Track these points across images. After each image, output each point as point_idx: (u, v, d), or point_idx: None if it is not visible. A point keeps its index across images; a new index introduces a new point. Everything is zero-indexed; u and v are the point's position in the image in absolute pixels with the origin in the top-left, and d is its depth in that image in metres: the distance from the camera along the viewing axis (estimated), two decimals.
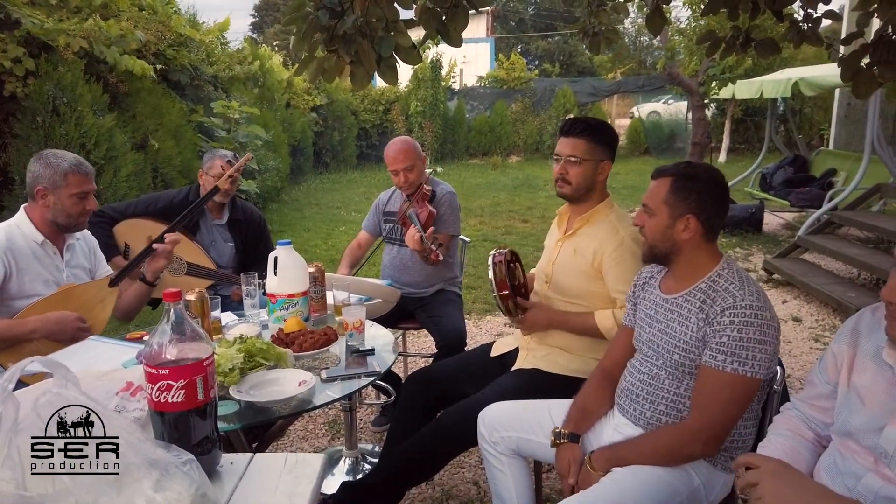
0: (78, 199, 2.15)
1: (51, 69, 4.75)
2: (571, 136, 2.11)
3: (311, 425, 3.14)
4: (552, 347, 2.19)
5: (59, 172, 2.10)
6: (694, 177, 1.63)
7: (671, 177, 1.64)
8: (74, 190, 2.13)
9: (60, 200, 2.12)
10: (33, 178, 2.12)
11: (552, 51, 35.46)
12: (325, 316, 2.30)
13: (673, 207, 1.62)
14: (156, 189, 5.65)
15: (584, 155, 2.09)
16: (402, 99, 14.89)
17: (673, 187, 1.62)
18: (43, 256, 2.16)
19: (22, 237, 2.12)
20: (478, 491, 2.55)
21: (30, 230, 2.14)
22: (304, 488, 1.20)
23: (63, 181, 2.11)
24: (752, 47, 2.37)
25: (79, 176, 2.13)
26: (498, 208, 9.17)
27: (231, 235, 3.11)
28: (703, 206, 1.60)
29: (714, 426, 1.52)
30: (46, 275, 2.17)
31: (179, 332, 1.17)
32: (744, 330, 1.49)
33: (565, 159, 2.11)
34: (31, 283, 2.11)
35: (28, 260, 2.11)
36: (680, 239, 1.62)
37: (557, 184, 2.16)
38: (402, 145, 2.93)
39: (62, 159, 2.12)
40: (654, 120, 16.72)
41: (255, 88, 9.06)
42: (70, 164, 2.12)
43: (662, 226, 1.63)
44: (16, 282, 2.07)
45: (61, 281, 2.21)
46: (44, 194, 2.12)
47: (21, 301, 2.09)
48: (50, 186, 2.11)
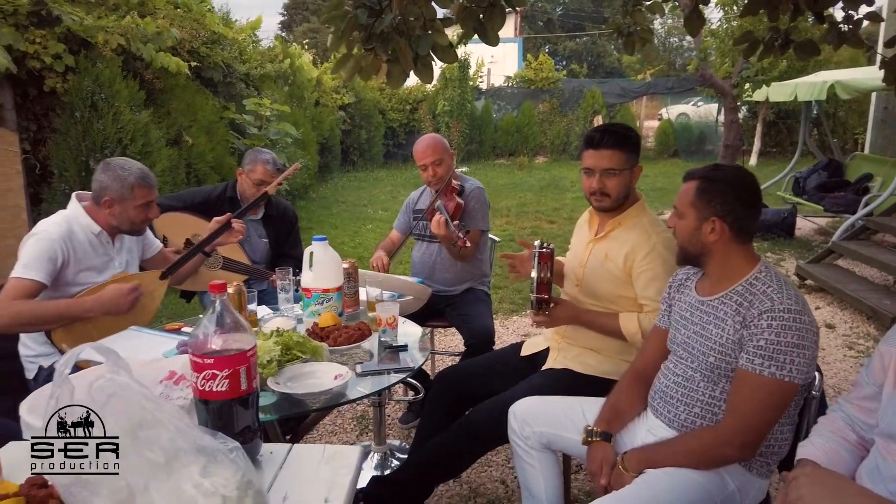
0: (142, 209, 2.26)
1: (89, 65, 4.85)
2: (605, 148, 2.05)
3: (339, 420, 3.17)
4: (583, 348, 2.19)
5: (126, 185, 2.20)
6: (719, 179, 1.62)
7: (698, 179, 1.63)
8: (140, 202, 2.24)
9: (126, 211, 2.23)
10: (101, 188, 2.22)
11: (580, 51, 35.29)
12: (357, 312, 2.32)
13: (699, 210, 1.61)
14: (189, 184, 5.74)
15: (621, 165, 2.06)
16: (430, 98, 14.93)
17: (698, 190, 1.62)
18: (97, 245, 2.26)
19: (79, 227, 2.22)
20: (505, 490, 2.56)
21: (87, 222, 2.24)
22: (343, 479, 1.22)
23: (129, 194, 2.21)
24: (791, 49, 2.34)
25: (144, 188, 2.24)
26: (524, 209, 9.15)
27: (265, 231, 3.16)
28: (728, 209, 1.59)
29: (749, 430, 1.51)
30: (99, 264, 2.26)
31: (224, 323, 1.19)
32: (782, 333, 1.47)
33: (601, 173, 2.07)
34: (86, 272, 2.21)
35: (84, 250, 2.21)
36: (708, 241, 1.62)
37: (595, 198, 2.11)
38: (431, 140, 2.96)
39: (129, 172, 2.22)
40: (683, 122, 16.53)
41: (285, 86, 9.15)
42: (136, 178, 2.22)
43: (690, 228, 1.63)
44: (72, 269, 2.16)
45: (113, 268, 2.30)
46: (110, 204, 2.22)
47: (74, 288, 2.18)
48: (117, 198, 2.21)
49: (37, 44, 4.56)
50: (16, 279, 2.04)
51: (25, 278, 2.03)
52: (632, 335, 2.02)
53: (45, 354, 2.20)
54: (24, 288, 2.03)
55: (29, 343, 2.22)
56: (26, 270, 2.04)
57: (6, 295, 2.01)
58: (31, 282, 2.04)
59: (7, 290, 2.02)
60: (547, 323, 2.11)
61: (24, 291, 2.02)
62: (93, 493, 0.96)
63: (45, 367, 2.19)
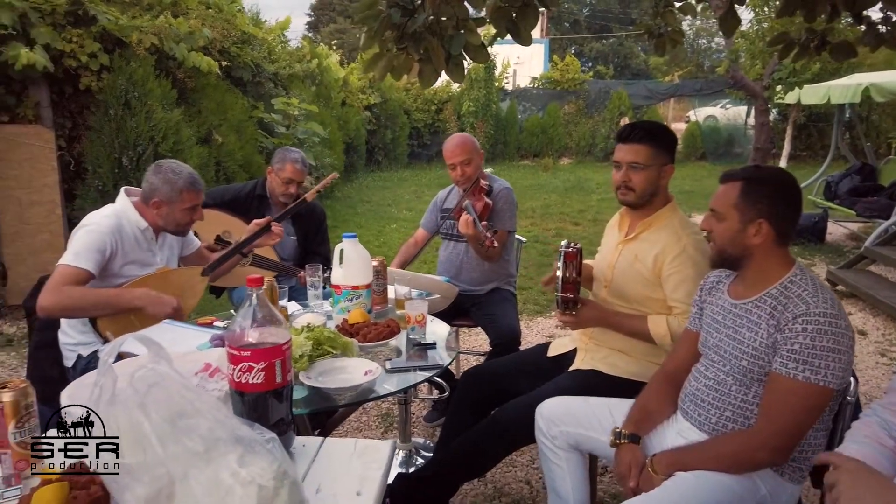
0: (188, 212, 2.32)
1: (123, 64, 4.94)
2: (632, 142, 2.06)
3: (364, 417, 3.19)
4: (611, 350, 2.17)
5: (175, 189, 2.26)
6: (765, 180, 1.60)
7: (741, 180, 1.61)
8: (187, 205, 2.30)
9: (173, 213, 2.30)
10: (151, 189, 2.28)
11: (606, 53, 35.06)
12: (386, 309, 2.34)
13: (743, 212, 1.59)
14: (218, 182, 5.82)
15: (647, 161, 2.05)
16: (455, 99, 14.95)
17: (743, 191, 1.59)
18: (142, 241, 2.32)
19: (127, 222, 2.28)
20: (530, 490, 2.56)
21: (135, 217, 2.30)
22: (375, 473, 1.24)
23: (178, 197, 2.27)
24: (827, 50, 2.30)
25: (192, 193, 2.30)
26: (549, 210, 9.12)
27: (294, 229, 3.20)
28: (774, 211, 1.57)
29: (782, 435, 1.49)
30: (143, 259, 2.32)
31: (260, 317, 1.22)
32: (817, 338, 1.45)
33: (627, 166, 2.07)
34: (129, 266, 2.27)
35: (131, 244, 2.27)
36: (751, 244, 1.59)
37: (620, 191, 2.12)
38: (460, 139, 2.97)
39: (179, 176, 2.28)
40: (710, 124, 16.34)
41: (312, 86, 9.23)
42: (186, 182, 2.28)
43: (732, 231, 1.60)
44: (118, 262, 2.22)
45: (154, 263, 2.36)
46: (158, 206, 2.29)
47: (118, 280, 2.24)
48: (165, 200, 2.27)
49: (73, 43, 4.66)
50: (65, 266, 2.10)
51: (75, 266, 2.10)
52: (661, 338, 2.00)
53: (84, 343, 2.26)
54: (73, 275, 2.09)
55: (69, 331, 2.27)
56: (76, 259, 2.11)
57: (56, 280, 2.08)
58: (81, 270, 2.10)
59: (56, 276, 2.09)
60: (573, 324, 2.10)
61: (72, 278, 2.09)
62: (134, 480, 0.98)
63: (83, 355, 2.24)
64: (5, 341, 4.22)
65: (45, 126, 4.73)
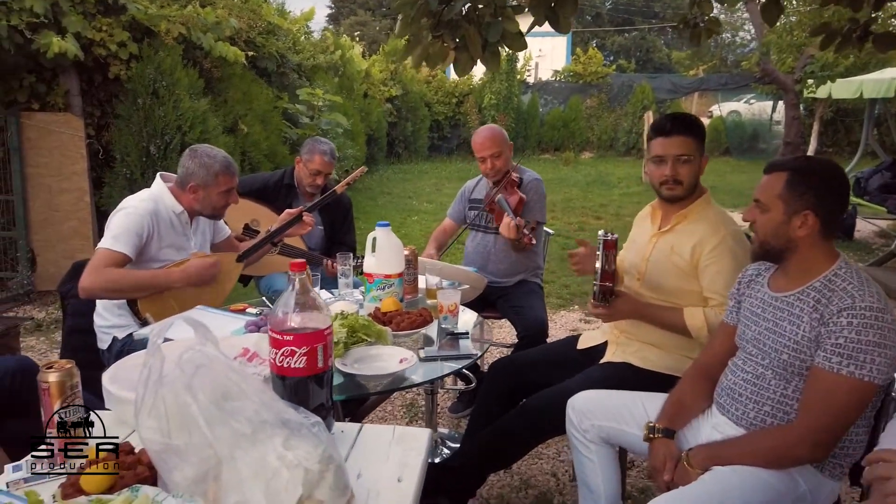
0: (224, 196, 2.35)
1: (152, 53, 4.98)
2: (677, 134, 2.02)
3: (389, 406, 3.20)
4: (643, 343, 2.15)
5: (211, 173, 2.29)
6: (812, 171, 1.56)
7: (787, 171, 1.57)
8: (223, 188, 2.33)
9: (209, 196, 2.33)
10: (187, 174, 2.31)
11: (628, 46, 34.70)
12: (416, 298, 2.34)
13: (788, 203, 1.55)
14: (243, 172, 5.86)
15: (693, 152, 2.02)
16: (476, 92, 14.89)
17: (789, 182, 1.56)
18: (177, 225, 2.35)
19: (163, 206, 2.31)
20: (556, 482, 2.55)
21: (171, 202, 2.33)
22: (415, 460, 1.23)
23: (214, 181, 2.30)
24: (870, 41, 2.25)
25: (227, 176, 2.33)
26: (571, 204, 9.08)
27: (321, 219, 3.20)
28: (821, 202, 1.54)
29: (824, 430, 1.46)
30: (178, 242, 2.35)
31: (303, 302, 1.22)
32: (862, 332, 1.42)
33: (674, 159, 2.02)
34: (166, 249, 2.30)
35: (167, 227, 2.30)
36: (796, 236, 1.56)
37: (666, 186, 2.06)
38: (490, 132, 2.94)
39: (214, 160, 2.31)
40: (734, 119, 16.13)
41: (335, 78, 9.25)
42: (221, 166, 2.31)
43: (777, 222, 1.57)
44: (155, 244, 2.26)
45: (188, 247, 2.38)
46: (195, 190, 2.31)
47: (155, 263, 2.27)
48: (201, 184, 2.30)
49: (103, 32, 4.70)
50: (105, 250, 2.14)
51: (114, 250, 2.13)
52: (697, 330, 1.98)
53: (119, 326, 2.28)
54: (112, 258, 2.13)
55: (104, 314, 2.30)
56: (115, 242, 2.14)
57: (97, 263, 2.12)
58: (119, 253, 2.14)
59: (97, 259, 2.13)
60: (607, 316, 2.07)
61: (112, 261, 2.13)
62: (183, 460, 0.99)
63: (119, 338, 2.27)
64: (35, 326, 4.29)
65: (74, 114, 4.79)
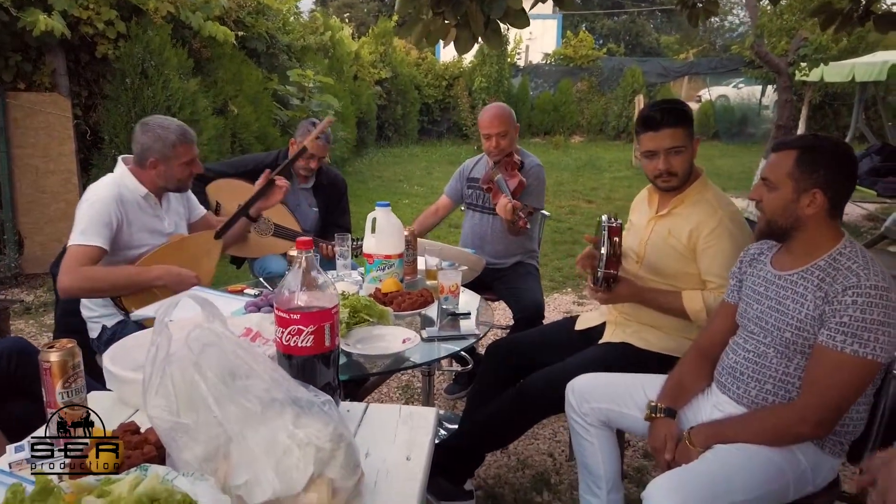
0: (186, 166, 2.26)
1: (140, 32, 4.89)
2: (667, 127, 1.97)
3: (385, 388, 3.20)
4: (641, 325, 2.15)
5: (168, 144, 2.19)
6: (822, 149, 1.55)
7: (797, 149, 1.56)
8: (184, 159, 2.23)
9: (171, 169, 2.23)
10: (143, 150, 2.21)
11: (618, 30, 34.56)
12: (415, 280, 2.33)
13: (798, 181, 1.54)
14: (234, 154, 5.81)
15: (685, 141, 2.00)
16: (466, 74, 14.78)
17: (799, 160, 1.55)
18: (146, 207, 2.26)
19: (127, 190, 2.22)
20: (553, 462, 2.56)
21: (134, 184, 2.23)
22: (423, 439, 1.23)
23: (173, 152, 2.20)
24: (871, 21, 2.24)
25: (186, 145, 2.23)
26: (561, 188, 9.07)
27: (316, 200, 3.17)
28: (830, 181, 1.53)
29: (826, 408, 1.47)
30: (151, 225, 2.27)
31: (309, 280, 1.20)
32: (867, 310, 1.43)
33: (666, 152, 1.99)
34: (139, 234, 2.21)
35: (135, 211, 2.21)
36: (803, 214, 1.56)
37: (661, 179, 2.04)
38: (499, 110, 2.91)
39: (169, 131, 2.20)
40: (723, 104, 16.15)
41: (325, 59, 9.14)
42: (177, 136, 2.21)
43: (785, 200, 1.56)
44: (126, 231, 2.17)
45: (163, 229, 2.30)
46: (155, 165, 2.22)
47: (132, 251, 2.20)
48: (161, 158, 2.20)
49: (90, 10, 4.61)
50: (76, 246, 2.04)
51: (85, 244, 2.04)
52: (696, 313, 1.98)
53: (107, 315, 2.25)
54: (85, 254, 2.03)
55: (90, 305, 2.26)
56: (85, 237, 2.05)
57: (71, 262, 2.02)
58: (91, 247, 2.04)
59: (70, 258, 2.03)
60: (606, 299, 2.08)
61: (85, 257, 2.03)
62: (192, 439, 0.97)
63: (108, 326, 2.24)
64: (23, 310, 4.24)
65: (61, 94, 4.70)
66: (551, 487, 2.40)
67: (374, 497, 1.05)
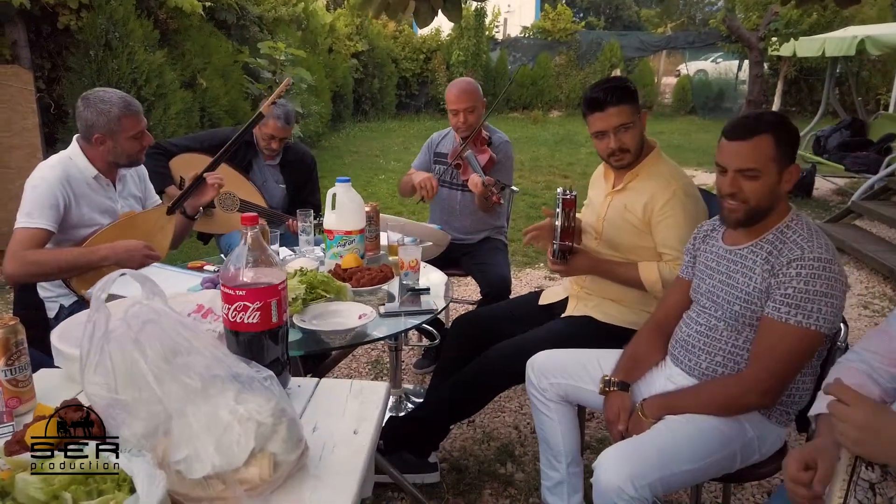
0: (135, 139, 2.17)
1: (103, 2, 4.76)
2: (612, 105, 1.97)
3: (354, 364, 3.21)
4: (603, 299, 2.18)
5: (112, 118, 2.10)
6: (786, 124, 1.55)
7: (769, 132, 1.53)
8: (130, 132, 2.14)
9: (119, 144, 2.15)
10: (87, 126, 2.12)
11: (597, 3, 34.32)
12: (378, 255, 2.32)
13: (780, 162, 1.53)
14: (203, 128, 5.71)
15: (632, 117, 2.00)
16: (444, 48, 14.62)
17: (777, 141, 1.53)
18: (97, 188, 2.20)
19: (76, 170, 2.15)
20: (518, 434, 2.60)
21: (84, 164, 2.17)
22: (371, 413, 1.24)
23: (118, 126, 2.12)
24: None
25: (131, 118, 2.14)
26: (538, 163, 9.07)
27: (283, 177, 3.14)
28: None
29: (772, 378, 1.51)
30: (102, 204, 2.21)
31: (256, 257, 1.19)
32: (810, 282, 1.46)
33: (615, 130, 2.00)
34: (90, 213, 2.16)
35: (84, 190, 2.15)
36: (783, 192, 1.56)
37: (614, 158, 2.05)
38: (466, 86, 2.88)
39: (111, 104, 2.10)
40: (701, 78, 16.19)
41: (298, 31, 8.98)
42: (120, 109, 2.11)
43: (771, 184, 1.54)
44: (75, 212, 2.12)
45: (116, 211, 2.25)
46: (102, 140, 2.13)
47: (82, 230, 2.15)
48: (107, 133, 2.12)
49: None
50: (22, 229, 1.99)
51: (31, 227, 1.99)
52: (651, 284, 2.01)
53: (63, 294, 2.20)
54: (31, 237, 1.98)
55: (46, 286, 2.21)
56: (30, 219, 1.99)
57: (16, 246, 1.97)
58: (37, 230, 1.99)
59: (15, 242, 1.98)
60: (564, 271, 2.10)
61: (32, 241, 1.98)
62: (131, 416, 0.97)
63: (65, 305, 2.20)
64: None
65: (23, 66, 4.57)
66: (515, 459, 2.44)
67: (319, 470, 1.06)
